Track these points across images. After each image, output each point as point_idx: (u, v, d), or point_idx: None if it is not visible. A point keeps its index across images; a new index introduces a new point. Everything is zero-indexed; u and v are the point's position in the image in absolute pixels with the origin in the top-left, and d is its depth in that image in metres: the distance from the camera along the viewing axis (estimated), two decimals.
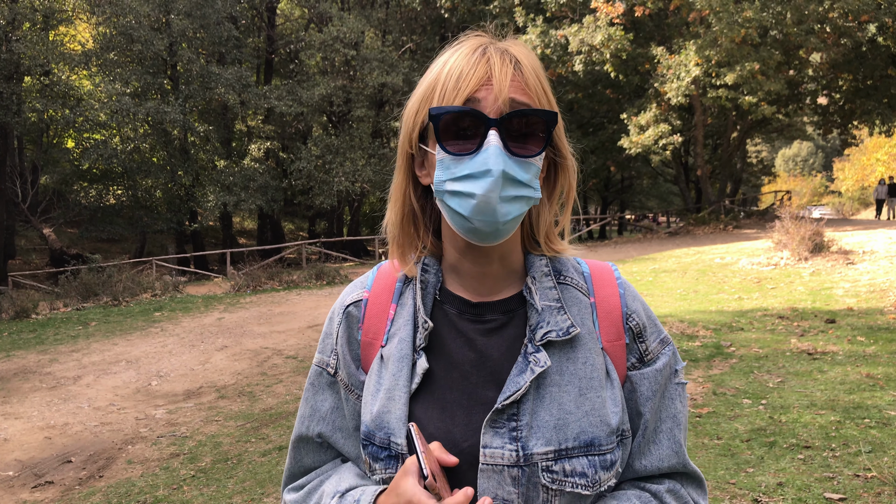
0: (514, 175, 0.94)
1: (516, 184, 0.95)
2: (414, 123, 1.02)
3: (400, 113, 1.06)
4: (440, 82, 0.98)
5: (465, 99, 0.95)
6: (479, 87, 0.95)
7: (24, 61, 24.53)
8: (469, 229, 0.98)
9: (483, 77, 0.96)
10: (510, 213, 0.95)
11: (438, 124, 0.96)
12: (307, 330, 11.25)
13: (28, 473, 5.59)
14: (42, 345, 10.95)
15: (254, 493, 4.77)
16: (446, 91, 0.96)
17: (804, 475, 4.11)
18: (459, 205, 0.96)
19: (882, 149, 47.62)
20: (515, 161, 0.95)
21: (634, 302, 1.10)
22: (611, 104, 30.14)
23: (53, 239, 27.47)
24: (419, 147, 1.04)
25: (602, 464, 0.98)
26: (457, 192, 0.96)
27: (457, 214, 0.97)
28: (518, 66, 0.98)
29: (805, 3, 21.49)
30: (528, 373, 0.98)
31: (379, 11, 32.86)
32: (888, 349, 7.00)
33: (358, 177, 27.95)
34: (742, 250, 16.18)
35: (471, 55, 0.97)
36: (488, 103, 0.95)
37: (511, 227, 0.98)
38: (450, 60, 0.99)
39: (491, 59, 0.97)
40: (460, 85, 0.95)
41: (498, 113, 0.95)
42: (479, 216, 0.95)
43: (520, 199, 0.96)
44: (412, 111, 1.03)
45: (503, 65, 0.96)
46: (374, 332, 1.10)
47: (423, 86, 1.02)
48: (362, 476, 1.09)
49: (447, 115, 0.95)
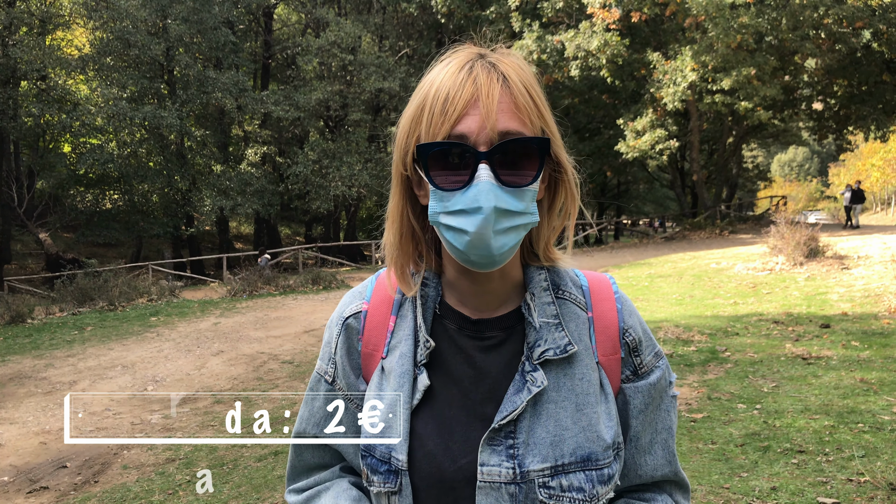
0: (507, 207, 0.93)
1: (510, 215, 0.94)
2: (406, 146, 1.00)
3: (397, 123, 1.05)
4: (427, 104, 0.96)
5: (454, 124, 0.93)
6: (467, 109, 0.93)
7: (21, 66, 24.49)
8: (466, 261, 0.98)
9: (470, 99, 0.93)
10: (506, 244, 0.95)
11: (427, 159, 0.95)
12: (303, 335, 11.24)
13: (23, 479, 5.58)
14: (37, 349, 10.93)
15: (249, 497, 4.77)
16: (434, 116, 0.94)
17: (798, 480, 4.12)
18: (454, 239, 0.96)
19: (877, 154, 47.77)
20: (509, 192, 0.94)
21: (631, 317, 1.11)
22: (607, 109, 30.24)
23: (49, 243, 27.39)
24: (414, 169, 1.02)
25: (599, 478, 0.99)
26: (451, 226, 0.95)
27: (453, 247, 0.97)
28: (506, 84, 0.95)
29: (800, 10, 21.59)
30: (524, 392, 0.99)
31: (376, 17, 32.92)
32: (882, 354, 7.02)
33: (354, 181, 27.95)
34: (738, 255, 16.23)
35: (457, 73, 0.95)
36: (475, 132, 0.92)
37: (508, 255, 0.97)
38: (437, 79, 0.97)
39: (478, 78, 0.94)
40: (447, 109, 0.93)
41: (488, 143, 0.92)
42: (475, 251, 0.95)
43: (516, 229, 0.96)
44: (403, 133, 1.01)
45: (490, 85, 0.93)
46: (374, 344, 1.10)
47: (411, 107, 1.00)
48: (359, 500, 1.09)
49: (435, 151, 0.94)
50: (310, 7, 31.87)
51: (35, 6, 26.11)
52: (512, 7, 25.49)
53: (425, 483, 1.00)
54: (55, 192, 29.93)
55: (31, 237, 29.39)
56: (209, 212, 27.45)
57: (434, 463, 1.00)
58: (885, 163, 47.36)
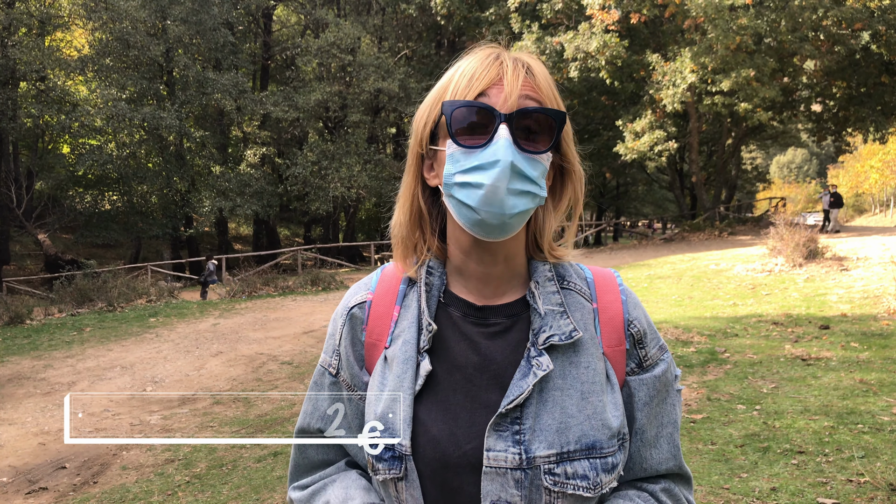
0: (521, 169, 0.96)
1: (524, 178, 0.96)
2: (426, 122, 1.05)
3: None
4: (453, 82, 1.01)
5: (477, 95, 0.98)
6: (491, 85, 0.98)
7: (20, 67, 24.50)
8: (476, 221, 0.99)
9: (495, 77, 0.99)
10: (517, 206, 0.97)
11: (451, 117, 0.98)
12: (302, 336, 11.23)
13: (22, 479, 5.57)
14: (36, 350, 10.91)
15: (248, 498, 4.76)
16: (458, 88, 0.99)
17: (798, 480, 4.12)
18: (468, 196, 0.98)
19: (876, 156, 47.81)
20: (524, 156, 0.97)
21: (636, 309, 1.11)
22: (606, 111, 30.26)
23: (48, 244, 27.40)
24: (429, 148, 1.06)
25: (604, 466, 0.99)
26: (465, 182, 0.98)
27: (464, 206, 0.99)
28: (530, 71, 1.01)
29: (799, 11, 21.62)
30: (530, 377, 0.99)
31: (375, 18, 32.95)
32: (881, 355, 7.03)
33: (354, 182, 27.95)
34: (737, 257, 16.23)
35: (484, 59, 1.01)
36: (499, 101, 0.97)
37: (517, 222, 0.99)
38: (462, 64, 1.02)
39: (504, 63, 1.00)
40: (472, 84, 0.98)
41: (508, 110, 0.97)
42: (487, 207, 0.96)
43: (526, 195, 0.97)
44: (424, 111, 1.05)
45: (515, 68, 0.99)
46: (377, 334, 1.11)
47: (435, 89, 1.05)
48: (369, 489, 1.09)
49: (459, 109, 0.98)
50: (309, 8, 31.88)
51: (34, 7, 26.11)
52: (511, 8, 25.49)
53: (429, 469, 1.00)
54: (54, 192, 29.93)
55: (30, 238, 29.39)
56: (208, 213, 27.44)
57: (438, 448, 1.00)
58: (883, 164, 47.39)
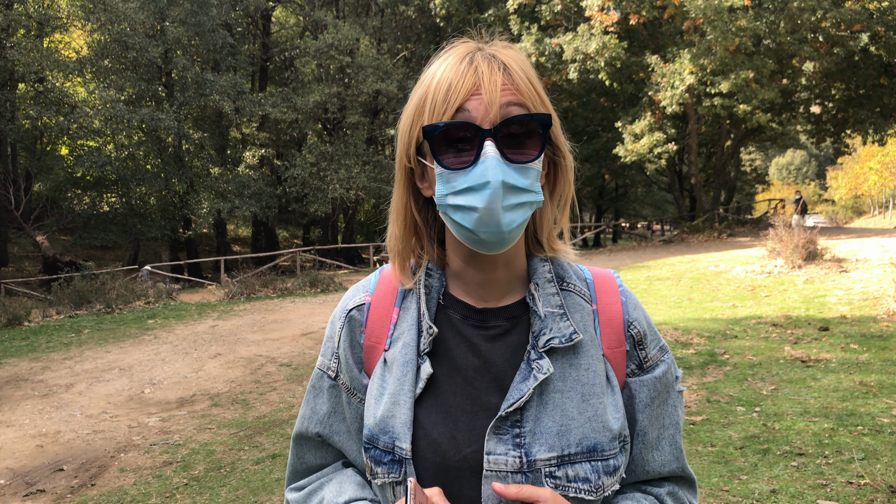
0: (513, 183, 0.94)
1: (517, 191, 0.95)
2: (409, 139, 1.02)
3: (395, 125, 1.05)
4: (430, 96, 0.97)
5: (456, 110, 0.94)
6: (469, 97, 0.94)
7: (19, 68, 24.49)
8: (475, 241, 0.98)
9: (472, 87, 0.95)
10: (514, 221, 0.95)
11: (433, 141, 0.95)
12: (301, 338, 11.22)
13: (19, 482, 5.55)
14: (34, 352, 10.89)
15: (247, 501, 4.75)
16: (436, 104, 0.96)
17: (797, 482, 4.11)
18: (463, 218, 0.96)
19: (875, 157, 47.92)
20: (514, 168, 0.94)
21: (636, 311, 1.11)
22: (605, 112, 30.28)
23: (46, 246, 27.34)
24: (417, 161, 1.04)
25: (605, 469, 0.98)
26: (459, 205, 0.96)
27: (461, 227, 0.97)
28: (507, 72, 0.97)
29: (798, 13, 21.65)
30: (531, 380, 0.99)
31: (374, 19, 32.94)
32: (881, 357, 7.02)
33: (352, 184, 27.94)
34: (736, 258, 16.23)
35: (458, 65, 0.97)
36: (480, 113, 0.94)
37: (516, 234, 0.98)
38: (437, 72, 0.98)
39: (479, 67, 0.95)
40: (450, 97, 0.95)
41: (491, 122, 0.94)
42: (484, 228, 0.95)
43: (522, 206, 0.96)
44: (406, 126, 1.02)
45: (492, 72, 0.95)
46: (376, 336, 1.10)
47: (413, 100, 1.01)
48: (363, 486, 1.09)
49: (440, 131, 0.95)
50: (308, 9, 31.89)
51: (32, 8, 26.08)
52: (510, 10, 25.52)
53: (429, 472, 0.99)
54: (52, 194, 29.91)
55: (29, 240, 29.34)
56: (207, 214, 27.41)
57: (439, 452, 0.99)
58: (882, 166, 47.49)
